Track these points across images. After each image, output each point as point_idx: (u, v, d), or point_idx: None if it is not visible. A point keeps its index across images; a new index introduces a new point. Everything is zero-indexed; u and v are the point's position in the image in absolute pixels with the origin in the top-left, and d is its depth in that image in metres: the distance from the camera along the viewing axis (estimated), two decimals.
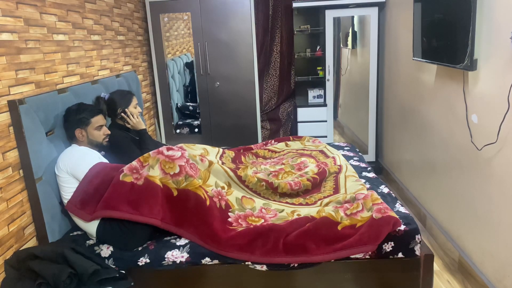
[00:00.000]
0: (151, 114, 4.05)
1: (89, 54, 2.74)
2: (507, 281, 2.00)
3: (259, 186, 2.34)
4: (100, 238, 2.04)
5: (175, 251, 1.99)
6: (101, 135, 2.27)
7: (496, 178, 2.08)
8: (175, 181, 2.06)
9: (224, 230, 2.01)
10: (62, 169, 2.07)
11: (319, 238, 1.93)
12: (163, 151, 2.13)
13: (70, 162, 2.08)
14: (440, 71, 2.66)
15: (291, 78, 4.67)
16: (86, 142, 2.22)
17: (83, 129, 2.20)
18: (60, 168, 2.08)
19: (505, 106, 1.93)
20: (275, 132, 4.71)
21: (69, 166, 2.07)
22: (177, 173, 2.08)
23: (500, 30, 1.96)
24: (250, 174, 2.41)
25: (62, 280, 1.69)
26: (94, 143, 2.25)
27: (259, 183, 2.34)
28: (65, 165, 2.07)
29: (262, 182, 2.34)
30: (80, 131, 2.20)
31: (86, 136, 2.22)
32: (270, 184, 2.34)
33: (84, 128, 2.20)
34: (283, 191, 2.34)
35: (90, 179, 2.05)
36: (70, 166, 2.07)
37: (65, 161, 2.09)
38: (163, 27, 3.93)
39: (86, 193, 2.04)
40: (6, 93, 1.89)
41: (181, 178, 2.07)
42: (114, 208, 1.98)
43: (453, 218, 2.58)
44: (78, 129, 2.19)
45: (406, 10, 3.16)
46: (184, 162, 2.12)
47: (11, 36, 1.95)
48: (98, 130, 2.25)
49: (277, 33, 4.53)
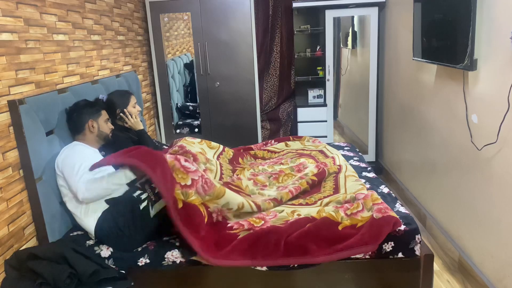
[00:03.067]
0: (151, 114, 4.05)
1: (89, 54, 2.74)
2: (507, 281, 2.00)
3: (267, 205, 2.24)
4: (98, 237, 2.05)
5: (175, 251, 1.98)
6: (109, 128, 2.33)
7: (496, 178, 2.08)
8: (184, 192, 2.00)
9: (220, 245, 1.95)
10: (58, 166, 2.08)
11: (320, 239, 1.93)
12: (181, 160, 2.09)
13: (64, 157, 2.09)
14: (440, 71, 2.66)
15: (291, 78, 4.67)
16: (95, 135, 2.25)
17: (96, 121, 2.25)
18: (57, 166, 2.09)
19: (505, 106, 1.93)
20: (275, 132, 4.71)
21: (60, 161, 2.08)
22: (189, 186, 2.02)
23: (500, 30, 1.96)
24: (265, 195, 2.31)
25: (62, 280, 1.69)
26: (103, 135, 2.29)
27: (271, 204, 2.24)
28: (60, 161, 2.08)
29: (272, 203, 2.24)
30: (92, 122, 2.23)
31: (97, 128, 2.26)
32: (279, 202, 2.26)
33: (96, 119, 2.25)
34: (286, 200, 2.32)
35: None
36: (61, 159, 2.08)
37: (61, 157, 2.09)
38: (163, 27, 3.93)
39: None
40: (6, 93, 1.89)
41: (191, 191, 2.01)
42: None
43: (453, 218, 2.58)
44: (91, 120, 2.23)
45: (406, 10, 3.16)
46: (198, 177, 2.05)
47: (11, 36, 1.95)
48: (106, 122, 2.32)
49: (277, 33, 4.53)
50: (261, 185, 2.48)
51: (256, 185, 2.46)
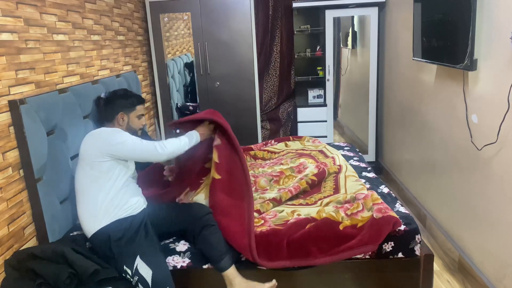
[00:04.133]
0: (151, 114, 4.05)
1: (89, 54, 2.74)
2: (507, 281, 2.00)
3: (266, 206, 2.26)
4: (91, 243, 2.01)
5: (176, 257, 1.98)
6: (140, 125, 2.28)
7: (496, 178, 2.08)
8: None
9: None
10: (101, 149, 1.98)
11: (321, 240, 1.93)
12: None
13: (107, 136, 2.01)
14: (440, 71, 2.66)
15: (291, 78, 4.67)
16: (124, 128, 2.20)
17: (126, 114, 2.22)
18: (94, 149, 1.98)
19: (505, 106, 1.93)
20: (275, 132, 4.71)
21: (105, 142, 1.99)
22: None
23: (500, 30, 1.96)
24: (266, 198, 2.33)
25: (62, 280, 1.69)
26: (131, 130, 2.22)
27: (270, 204, 2.27)
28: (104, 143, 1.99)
29: (272, 203, 2.27)
30: (122, 116, 2.20)
31: (127, 122, 2.22)
32: (278, 201, 2.29)
33: (128, 113, 2.22)
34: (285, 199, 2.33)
35: None
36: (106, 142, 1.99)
37: (102, 139, 2.00)
38: (163, 27, 3.93)
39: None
40: (6, 93, 1.89)
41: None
42: None
43: (453, 218, 2.59)
44: (121, 113, 2.20)
45: (406, 10, 3.17)
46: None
47: (11, 36, 1.95)
48: (139, 118, 2.28)
49: (277, 33, 4.53)
50: (261, 190, 2.48)
51: (257, 192, 2.46)
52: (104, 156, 1.98)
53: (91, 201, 1.98)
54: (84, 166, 2.01)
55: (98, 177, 1.98)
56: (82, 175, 2.02)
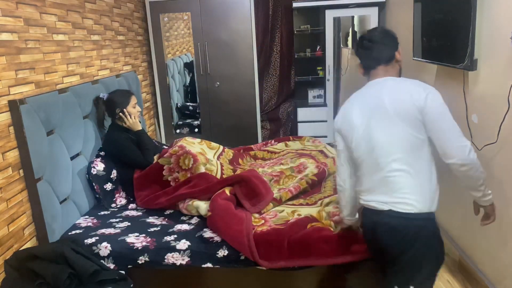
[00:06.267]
0: (151, 114, 4.05)
1: (89, 54, 2.74)
2: (508, 281, 2.00)
3: (267, 207, 2.26)
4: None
5: (175, 254, 1.98)
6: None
7: (496, 178, 2.08)
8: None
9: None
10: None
11: (322, 240, 1.93)
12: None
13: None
14: (440, 71, 2.65)
15: (291, 78, 4.67)
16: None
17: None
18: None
19: (505, 106, 1.92)
20: (275, 132, 4.71)
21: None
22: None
23: (500, 30, 1.96)
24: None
25: (62, 281, 1.69)
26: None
27: (270, 204, 2.27)
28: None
29: (272, 203, 2.27)
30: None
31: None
32: (278, 201, 2.29)
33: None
34: (285, 199, 2.33)
35: None
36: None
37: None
38: (163, 27, 3.93)
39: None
40: (6, 93, 1.89)
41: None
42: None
43: (453, 218, 2.58)
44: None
45: (406, 10, 3.16)
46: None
47: (11, 36, 1.95)
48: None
49: (277, 33, 4.53)
50: None
51: None
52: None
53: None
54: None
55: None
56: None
